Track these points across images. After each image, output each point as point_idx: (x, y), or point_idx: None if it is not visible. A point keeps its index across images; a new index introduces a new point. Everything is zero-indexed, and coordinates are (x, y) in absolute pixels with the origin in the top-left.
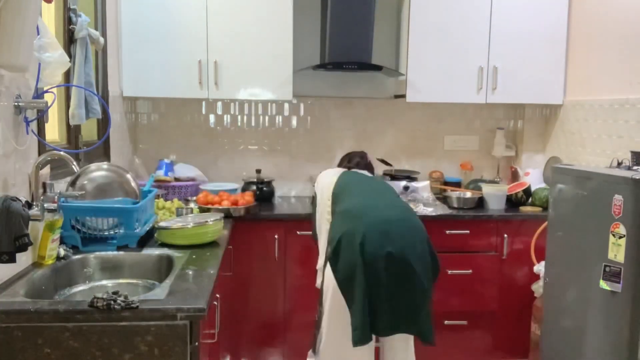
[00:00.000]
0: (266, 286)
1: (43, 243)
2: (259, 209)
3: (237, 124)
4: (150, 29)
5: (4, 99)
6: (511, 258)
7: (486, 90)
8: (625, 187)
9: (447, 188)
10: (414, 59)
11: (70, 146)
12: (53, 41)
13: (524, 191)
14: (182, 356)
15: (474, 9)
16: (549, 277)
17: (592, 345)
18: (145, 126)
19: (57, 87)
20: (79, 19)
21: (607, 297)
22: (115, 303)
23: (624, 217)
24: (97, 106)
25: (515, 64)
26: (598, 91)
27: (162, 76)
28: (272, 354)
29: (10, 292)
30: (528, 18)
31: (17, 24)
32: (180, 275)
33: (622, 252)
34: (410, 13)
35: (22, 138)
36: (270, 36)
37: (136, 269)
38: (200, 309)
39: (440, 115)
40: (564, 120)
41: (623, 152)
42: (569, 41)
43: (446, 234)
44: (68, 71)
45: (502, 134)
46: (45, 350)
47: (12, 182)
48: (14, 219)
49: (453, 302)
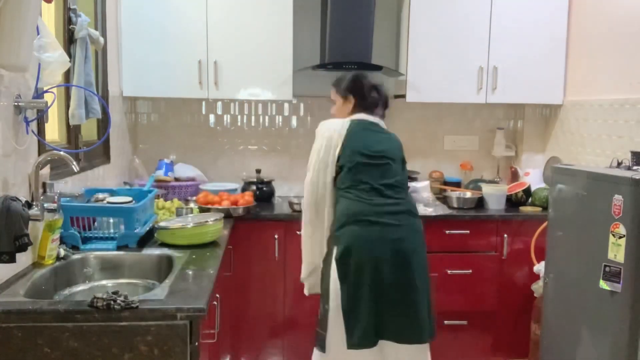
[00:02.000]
0: (266, 286)
1: (43, 243)
2: (259, 209)
3: (237, 123)
4: (150, 29)
5: (4, 99)
6: (511, 258)
7: (486, 90)
8: (625, 187)
9: (447, 188)
10: (414, 59)
11: (70, 146)
12: (53, 41)
13: (524, 191)
14: (182, 356)
15: (474, 9)
16: (549, 277)
17: (592, 345)
18: (145, 126)
19: (57, 87)
20: (79, 19)
21: (607, 297)
22: (115, 303)
23: (624, 217)
24: (97, 106)
25: (515, 64)
26: (598, 91)
27: (162, 76)
28: (272, 354)
29: (10, 292)
30: (528, 18)
31: (17, 24)
32: (180, 275)
33: (622, 252)
34: (410, 13)
35: (22, 138)
36: (270, 36)
37: (136, 269)
38: (200, 309)
39: (440, 115)
40: (564, 120)
41: (623, 152)
42: (569, 41)
43: (446, 234)
44: (68, 71)
45: (502, 134)
46: (45, 350)
47: (12, 182)
48: (14, 219)
49: (453, 302)
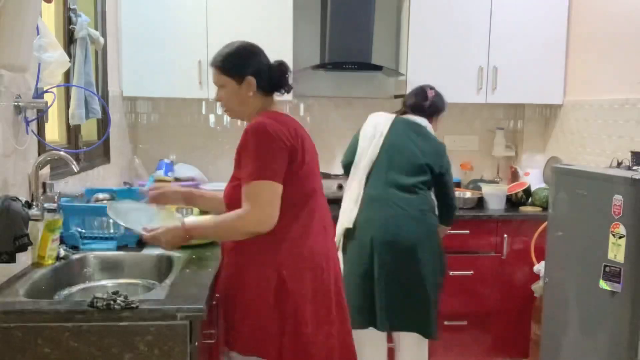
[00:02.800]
0: None
1: (43, 243)
2: None
3: (237, 123)
4: (150, 28)
5: (4, 99)
6: (511, 258)
7: (486, 90)
8: (625, 187)
9: None
10: (414, 59)
11: (70, 146)
12: (53, 41)
13: (524, 191)
14: (182, 356)
15: (474, 9)
16: (549, 277)
17: (592, 345)
18: (145, 126)
19: (57, 87)
20: (79, 19)
21: (607, 297)
22: (115, 303)
23: (624, 217)
24: (97, 106)
25: (515, 64)
26: (598, 91)
27: (162, 76)
28: None
29: (10, 292)
30: (528, 18)
31: (17, 24)
32: (180, 275)
33: (622, 252)
34: (410, 13)
35: (22, 138)
36: (270, 36)
37: (136, 269)
38: (200, 309)
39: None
40: (564, 120)
41: (623, 152)
42: (569, 41)
43: (446, 233)
44: (68, 71)
45: (502, 134)
46: (45, 350)
47: (12, 182)
48: (14, 219)
49: (453, 303)
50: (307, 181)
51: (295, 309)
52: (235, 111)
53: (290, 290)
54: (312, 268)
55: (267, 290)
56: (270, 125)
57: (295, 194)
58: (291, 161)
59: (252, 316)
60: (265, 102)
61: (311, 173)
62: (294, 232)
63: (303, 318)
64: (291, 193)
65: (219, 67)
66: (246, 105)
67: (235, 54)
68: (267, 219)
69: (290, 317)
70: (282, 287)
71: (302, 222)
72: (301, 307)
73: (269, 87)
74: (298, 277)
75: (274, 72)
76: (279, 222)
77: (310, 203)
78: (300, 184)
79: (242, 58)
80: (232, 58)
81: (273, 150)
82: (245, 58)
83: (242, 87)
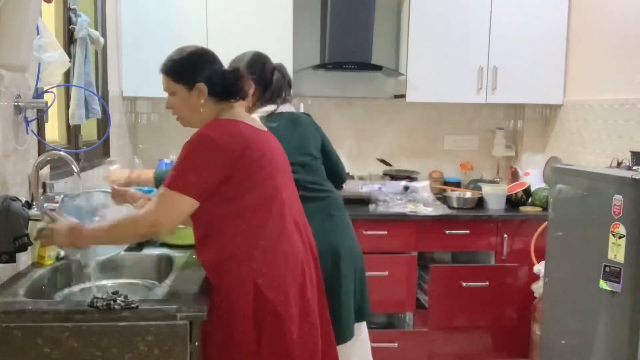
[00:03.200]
0: None
1: None
2: None
3: None
4: (150, 28)
5: (4, 99)
6: (511, 258)
7: (486, 90)
8: (625, 187)
9: (447, 188)
10: (414, 59)
11: (70, 146)
12: (53, 41)
13: (523, 191)
14: (182, 356)
15: (473, 9)
16: (549, 277)
17: (592, 345)
18: (145, 126)
19: (57, 87)
20: (79, 19)
21: (607, 297)
22: (115, 303)
23: (624, 217)
24: (97, 106)
25: (515, 64)
26: (598, 91)
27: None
28: None
29: (10, 292)
30: (528, 18)
31: (17, 24)
32: (180, 275)
33: (622, 252)
34: (410, 13)
35: (22, 138)
36: (270, 36)
37: (136, 269)
38: (200, 309)
39: (440, 115)
40: (564, 120)
41: (623, 152)
42: (568, 41)
43: (446, 234)
44: (68, 71)
45: (501, 134)
46: (45, 350)
47: (12, 182)
48: (14, 219)
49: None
50: (267, 185)
51: (274, 316)
52: (185, 119)
53: (268, 298)
54: (291, 272)
55: (246, 301)
56: (212, 135)
57: (257, 199)
58: (240, 169)
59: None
60: (219, 109)
61: (271, 176)
62: (267, 236)
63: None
64: (251, 199)
65: (168, 73)
66: (197, 113)
67: (185, 60)
68: (160, 227)
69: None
70: (259, 297)
71: (273, 226)
72: (281, 314)
73: (223, 94)
74: (276, 285)
75: (227, 78)
76: (248, 230)
77: (275, 205)
78: (259, 189)
79: (193, 64)
80: (182, 64)
81: (202, 163)
82: (196, 64)
83: (192, 94)
